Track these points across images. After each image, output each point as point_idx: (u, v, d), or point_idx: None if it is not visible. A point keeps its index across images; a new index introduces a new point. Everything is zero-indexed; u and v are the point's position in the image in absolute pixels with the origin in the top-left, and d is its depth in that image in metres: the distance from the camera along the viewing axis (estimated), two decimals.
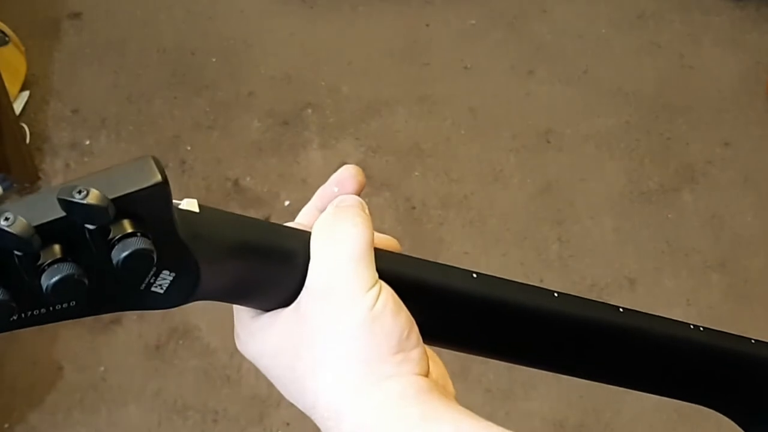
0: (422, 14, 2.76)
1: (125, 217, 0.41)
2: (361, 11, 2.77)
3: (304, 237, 0.51)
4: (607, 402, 1.91)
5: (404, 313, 0.50)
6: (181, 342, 2.00)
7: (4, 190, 2.27)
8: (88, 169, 2.35)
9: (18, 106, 2.43)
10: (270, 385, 0.54)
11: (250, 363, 0.55)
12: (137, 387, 1.94)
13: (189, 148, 2.39)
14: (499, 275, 0.56)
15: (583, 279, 2.12)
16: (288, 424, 1.88)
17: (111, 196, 0.40)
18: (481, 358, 0.61)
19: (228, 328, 0.55)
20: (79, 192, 0.39)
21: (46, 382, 1.94)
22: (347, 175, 0.55)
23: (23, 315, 0.42)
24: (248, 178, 2.31)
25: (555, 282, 2.10)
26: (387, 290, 0.50)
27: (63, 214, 0.39)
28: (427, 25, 2.74)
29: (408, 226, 2.21)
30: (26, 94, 2.51)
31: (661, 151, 2.40)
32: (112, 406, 1.91)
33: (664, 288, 2.11)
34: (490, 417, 0.47)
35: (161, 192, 0.42)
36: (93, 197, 0.39)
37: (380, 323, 0.49)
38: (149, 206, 0.41)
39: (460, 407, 0.49)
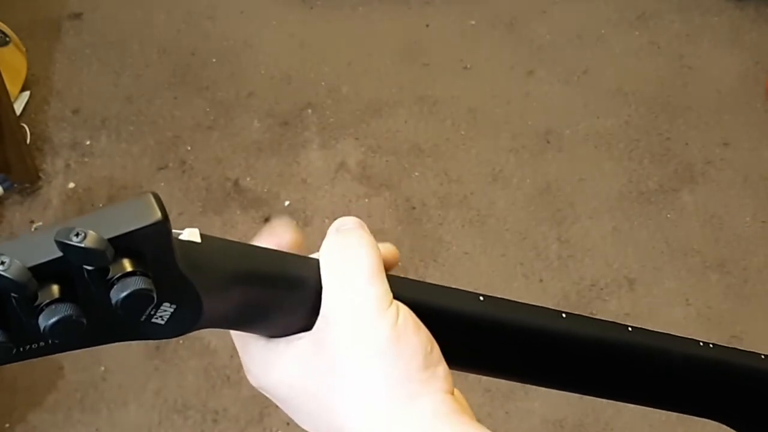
0: (422, 14, 2.77)
1: (124, 256, 0.40)
2: (361, 11, 2.78)
3: (311, 263, 0.50)
4: (606, 402, 1.90)
5: (424, 329, 0.49)
6: (181, 342, 2.00)
7: (4, 190, 2.28)
8: (88, 169, 2.36)
9: (18, 107, 2.43)
10: None
11: None
12: (137, 386, 1.94)
13: (189, 148, 2.40)
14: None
15: (583, 279, 2.12)
16: (288, 423, 1.88)
17: (109, 236, 0.39)
18: None
19: None
20: (77, 234, 0.38)
21: (47, 381, 1.94)
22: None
23: (21, 349, 0.41)
24: (248, 178, 2.32)
25: (554, 282, 2.11)
26: (404, 306, 0.49)
27: (60, 254, 0.39)
28: (427, 26, 2.74)
29: (408, 226, 2.22)
30: (27, 94, 2.51)
31: (660, 151, 2.40)
32: (113, 406, 1.91)
33: (663, 288, 2.11)
34: (490, 417, 0.47)
35: (161, 229, 0.41)
36: (90, 240, 0.38)
37: (405, 340, 0.47)
38: (149, 244, 0.41)
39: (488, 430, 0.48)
